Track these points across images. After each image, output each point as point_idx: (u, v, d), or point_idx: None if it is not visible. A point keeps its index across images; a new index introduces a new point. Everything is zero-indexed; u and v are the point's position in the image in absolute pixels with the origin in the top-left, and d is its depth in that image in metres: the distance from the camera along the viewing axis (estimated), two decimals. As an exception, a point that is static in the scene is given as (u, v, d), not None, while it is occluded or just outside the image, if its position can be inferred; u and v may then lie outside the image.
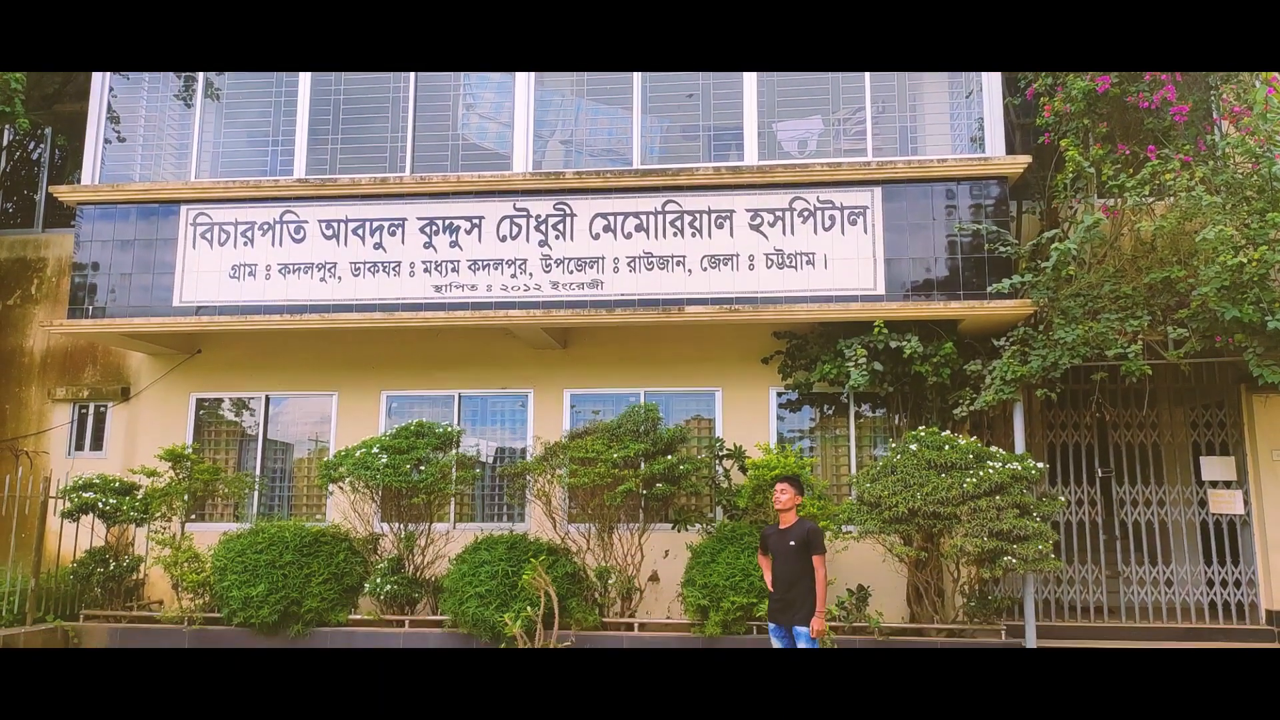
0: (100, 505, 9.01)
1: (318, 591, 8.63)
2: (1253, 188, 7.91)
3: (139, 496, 9.24)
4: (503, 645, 7.80)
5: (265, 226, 9.60)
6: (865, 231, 9.00)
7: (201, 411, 10.69)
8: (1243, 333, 7.80)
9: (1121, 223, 8.63)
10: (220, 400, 10.73)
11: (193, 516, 9.97)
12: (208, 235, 9.68)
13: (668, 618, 8.92)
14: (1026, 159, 9.06)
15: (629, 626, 8.61)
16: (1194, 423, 9.94)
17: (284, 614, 8.54)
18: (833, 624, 7.65)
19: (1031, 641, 8.17)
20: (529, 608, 7.75)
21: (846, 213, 9.05)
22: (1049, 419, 9.91)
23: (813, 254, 9.00)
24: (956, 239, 8.93)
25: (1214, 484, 9.55)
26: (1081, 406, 9.73)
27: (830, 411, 10.00)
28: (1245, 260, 7.41)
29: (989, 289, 8.68)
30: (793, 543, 6.60)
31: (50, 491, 9.33)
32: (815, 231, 9.04)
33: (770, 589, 6.84)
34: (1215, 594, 9.41)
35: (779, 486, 6.84)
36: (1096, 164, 8.57)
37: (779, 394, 9.98)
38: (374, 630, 8.70)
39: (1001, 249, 8.73)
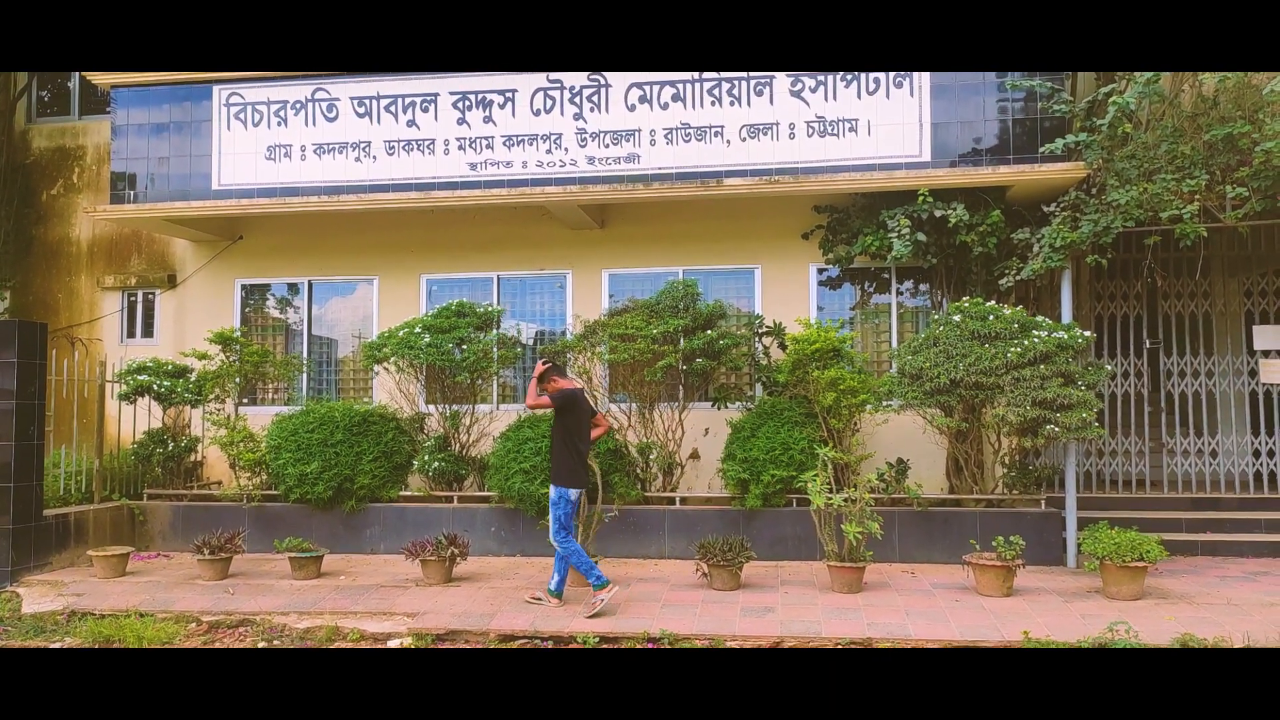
0: (155, 388, 9.26)
1: (369, 469, 8.88)
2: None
3: (192, 379, 9.48)
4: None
5: (298, 105, 9.50)
6: (911, 95, 8.66)
7: (247, 309, 10.85)
8: (1308, 192, 7.49)
9: (1183, 78, 8.19)
10: (265, 287, 10.85)
11: (244, 400, 10.23)
12: (241, 116, 9.61)
13: (709, 491, 9.08)
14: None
15: (670, 501, 8.78)
16: (1248, 291, 9.69)
17: (338, 490, 8.84)
18: (873, 495, 7.71)
19: (1072, 512, 8.20)
20: (573, 480, 7.89)
21: (892, 75, 8.69)
22: (1097, 289, 9.69)
23: (856, 120, 8.72)
24: (1008, 99, 8.57)
25: (1265, 354, 9.35)
26: (1131, 276, 9.50)
27: (871, 288, 9.87)
28: (1315, 113, 7.04)
29: (1041, 150, 8.37)
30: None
31: (107, 375, 9.60)
32: (859, 96, 8.73)
33: None
34: (1261, 464, 9.34)
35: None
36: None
37: (819, 270, 9.86)
38: (424, 506, 8.98)
39: (1056, 108, 8.36)
